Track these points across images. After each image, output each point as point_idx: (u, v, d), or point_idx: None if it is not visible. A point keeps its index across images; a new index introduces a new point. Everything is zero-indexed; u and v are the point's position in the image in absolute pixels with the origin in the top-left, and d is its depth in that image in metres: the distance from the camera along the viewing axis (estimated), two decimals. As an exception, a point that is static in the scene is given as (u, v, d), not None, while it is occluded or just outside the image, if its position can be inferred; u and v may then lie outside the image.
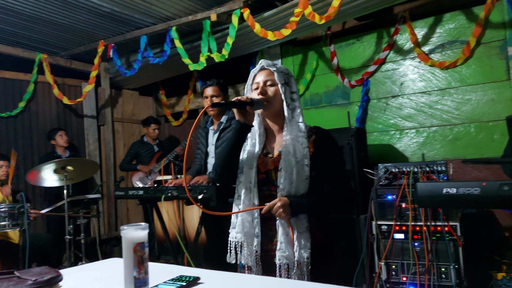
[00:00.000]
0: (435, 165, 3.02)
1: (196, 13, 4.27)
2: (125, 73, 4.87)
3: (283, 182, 1.62)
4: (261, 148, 1.77)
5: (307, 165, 1.63)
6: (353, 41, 4.45)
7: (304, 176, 1.63)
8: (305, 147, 1.65)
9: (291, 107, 1.70)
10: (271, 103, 1.71)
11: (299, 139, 1.66)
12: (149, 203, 3.13)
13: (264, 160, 1.74)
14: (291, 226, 1.61)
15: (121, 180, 4.57)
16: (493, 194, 1.87)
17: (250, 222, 1.69)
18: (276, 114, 1.75)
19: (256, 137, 1.78)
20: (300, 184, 1.62)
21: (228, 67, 4.98)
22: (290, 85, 1.74)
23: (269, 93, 1.71)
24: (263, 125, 1.82)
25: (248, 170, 1.71)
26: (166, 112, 6.33)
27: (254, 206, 1.67)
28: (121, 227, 1.10)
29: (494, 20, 3.67)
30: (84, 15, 4.25)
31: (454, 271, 2.74)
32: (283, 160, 1.64)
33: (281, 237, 1.61)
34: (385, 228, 3.06)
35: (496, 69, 3.66)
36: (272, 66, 1.74)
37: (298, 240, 1.60)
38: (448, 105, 3.89)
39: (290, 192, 1.62)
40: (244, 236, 1.68)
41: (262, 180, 1.71)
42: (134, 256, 1.10)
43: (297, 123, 1.70)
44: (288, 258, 1.59)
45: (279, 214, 1.58)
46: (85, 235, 4.23)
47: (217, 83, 3.06)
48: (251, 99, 1.64)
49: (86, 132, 5.64)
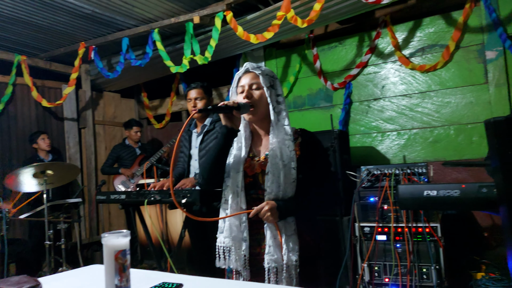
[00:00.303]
0: (416, 167, 3.06)
1: (179, 15, 4.25)
2: (108, 75, 4.81)
3: (270, 186, 1.61)
4: (247, 151, 1.76)
5: (294, 168, 1.63)
6: (336, 44, 4.49)
7: (291, 179, 1.62)
8: (291, 150, 1.65)
9: (276, 110, 1.70)
10: (256, 107, 1.70)
11: (285, 142, 1.65)
12: (131, 207, 3.09)
13: (251, 163, 1.73)
14: (279, 230, 1.61)
15: (103, 184, 4.50)
16: (472, 196, 1.90)
17: (238, 226, 1.67)
18: (262, 118, 1.74)
19: (242, 140, 1.77)
20: (288, 187, 1.62)
21: (211, 70, 4.97)
22: (275, 88, 1.73)
23: (254, 96, 1.70)
24: (249, 128, 1.82)
25: (235, 174, 1.70)
26: (148, 115, 6.27)
27: (241, 210, 1.66)
28: (102, 234, 1.08)
29: (472, 25, 3.75)
30: (64, 16, 4.18)
31: (435, 272, 2.79)
32: (270, 164, 1.63)
33: (270, 240, 1.60)
34: (368, 229, 3.09)
35: (474, 72, 3.74)
36: (257, 69, 1.72)
37: (287, 243, 1.59)
38: (429, 108, 3.96)
39: (278, 196, 1.61)
40: (232, 240, 1.66)
41: (249, 184, 1.71)
42: (116, 264, 1.08)
43: (283, 126, 1.69)
44: (277, 261, 1.58)
45: (266, 218, 1.57)
46: (65, 240, 4.15)
47: (201, 86, 3.04)
48: (237, 103, 1.62)
49: (66, 135, 5.54)
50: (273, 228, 1.61)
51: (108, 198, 2.91)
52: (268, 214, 1.56)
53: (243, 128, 1.78)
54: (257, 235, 1.68)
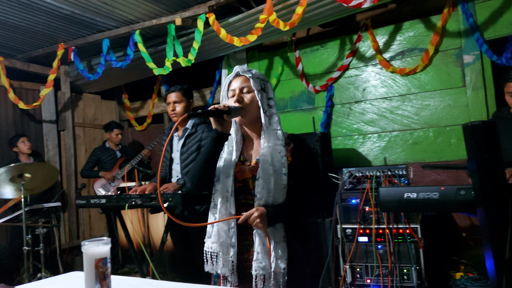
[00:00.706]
0: (396, 169, 3.11)
1: (161, 17, 4.21)
2: (89, 77, 4.74)
3: (260, 191, 1.59)
4: (238, 155, 1.74)
5: (284, 174, 1.61)
6: (318, 47, 4.53)
7: (282, 185, 1.61)
8: (283, 156, 1.63)
9: (268, 113, 1.68)
10: (247, 111, 1.68)
11: (276, 147, 1.64)
12: (112, 212, 3.05)
13: (241, 168, 1.71)
14: (268, 236, 1.58)
15: (82, 188, 4.45)
16: (450, 198, 1.94)
17: (226, 231, 1.64)
18: (253, 121, 1.72)
19: (233, 144, 1.75)
20: (278, 193, 1.60)
21: (193, 72, 4.95)
22: (266, 91, 1.71)
23: (245, 100, 1.68)
24: (240, 132, 1.79)
25: (225, 179, 1.68)
26: (129, 117, 6.20)
27: (230, 215, 1.64)
28: (82, 242, 1.06)
29: (450, 29, 3.83)
30: (42, 17, 4.10)
31: (416, 272, 2.83)
32: (260, 169, 1.60)
33: (258, 247, 1.58)
34: (350, 231, 3.11)
35: (452, 76, 3.82)
36: (247, 72, 1.70)
37: (275, 251, 1.57)
38: (408, 111, 4.02)
39: (268, 202, 1.59)
40: (220, 246, 1.64)
41: (239, 188, 1.68)
42: (96, 272, 1.06)
43: (274, 130, 1.67)
44: (265, 269, 1.56)
45: (256, 224, 1.55)
46: (44, 246, 4.07)
47: (180, 89, 3.01)
48: (228, 107, 1.60)
49: (45, 137, 5.43)
50: (262, 234, 1.59)
51: (88, 203, 2.87)
52: (258, 220, 1.54)
53: (234, 132, 1.76)
54: (246, 241, 1.65)
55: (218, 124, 1.64)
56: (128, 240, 3.05)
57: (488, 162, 1.65)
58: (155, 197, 2.49)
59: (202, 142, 2.88)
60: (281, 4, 3.60)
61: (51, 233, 4.79)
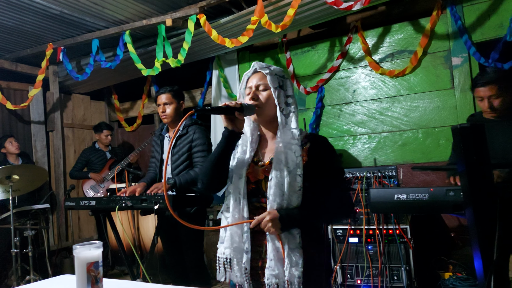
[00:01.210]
0: (386, 170, 3.14)
1: (151, 17, 4.19)
2: (77, 77, 4.70)
3: (273, 193, 1.49)
4: (252, 155, 1.65)
5: (299, 175, 1.50)
6: (308, 48, 4.54)
7: (297, 187, 1.50)
8: (298, 156, 1.52)
9: (285, 112, 1.58)
10: (262, 109, 1.60)
11: (292, 146, 1.53)
12: (102, 213, 3.02)
13: (254, 169, 1.61)
14: (282, 242, 1.47)
15: (72, 189, 4.41)
16: (440, 199, 1.97)
17: (239, 236, 1.55)
18: (269, 120, 1.63)
19: (248, 144, 1.66)
20: (293, 196, 1.50)
21: (184, 72, 4.93)
22: (285, 88, 1.62)
23: (261, 98, 1.60)
24: (257, 131, 1.70)
25: (237, 180, 1.59)
26: (119, 117, 6.15)
27: (243, 219, 1.54)
28: (73, 246, 1.06)
29: (439, 32, 3.87)
30: (31, 16, 4.05)
31: (405, 272, 2.86)
32: (273, 170, 1.51)
33: (271, 253, 1.48)
34: (340, 232, 3.13)
35: (441, 78, 3.87)
36: (265, 68, 1.61)
37: (289, 257, 1.46)
38: (398, 112, 4.05)
39: (282, 205, 1.49)
40: (233, 251, 1.55)
41: (252, 191, 1.59)
42: (88, 276, 1.06)
43: (290, 129, 1.57)
44: (278, 277, 1.46)
45: (268, 229, 1.45)
46: (33, 248, 4.02)
47: (169, 90, 2.97)
48: (240, 104, 1.51)
49: (33, 138, 5.37)
50: (275, 240, 1.48)
51: (77, 204, 2.85)
52: (269, 225, 1.44)
53: (250, 131, 1.68)
54: (260, 247, 1.56)
55: (229, 122, 1.56)
56: (118, 242, 3.03)
57: (476, 163, 1.68)
58: (146, 199, 2.48)
59: (193, 143, 2.87)
60: (272, 5, 3.61)
61: (39, 235, 4.74)
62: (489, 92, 2.51)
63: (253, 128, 1.69)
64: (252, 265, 1.55)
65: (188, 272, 2.87)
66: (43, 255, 4.58)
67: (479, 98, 2.58)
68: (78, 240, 5.45)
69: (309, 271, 1.50)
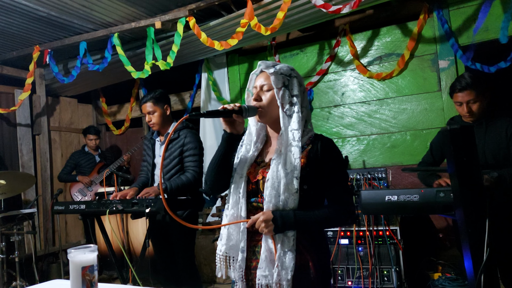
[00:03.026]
0: (375, 172, 3.16)
1: (140, 20, 4.17)
2: (63, 80, 4.64)
3: (268, 195, 1.49)
4: (256, 155, 1.65)
5: (296, 178, 1.48)
6: (297, 51, 4.57)
7: (294, 190, 1.48)
8: (296, 158, 1.49)
9: (288, 112, 1.55)
10: (265, 110, 1.58)
11: (291, 148, 1.50)
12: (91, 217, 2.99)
13: (255, 169, 1.61)
14: (275, 243, 1.47)
15: (59, 193, 4.34)
16: (430, 200, 2.00)
17: (236, 234, 1.57)
18: (274, 121, 1.61)
19: (252, 144, 1.65)
20: (289, 198, 1.48)
21: (173, 75, 4.91)
22: (290, 87, 1.58)
23: (264, 99, 1.59)
24: (264, 131, 1.69)
25: (238, 179, 1.60)
26: (107, 120, 6.09)
27: (241, 218, 1.56)
28: (68, 250, 1.04)
29: (426, 35, 3.93)
30: (17, 18, 3.99)
31: (395, 274, 2.88)
32: (271, 170, 1.50)
33: (263, 254, 1.47)
34: (331, 234, 3.15)
35: (428, 80, 3.92)
36: (270, 67, 1.58)
37: (280, 260, 1.44)
38: (386, 114, 4.10)
39: (278, 206, 1.48)
40: (230, 249, 1.58)
41: (252, 190, 1.59)
42: (83, 280, 1.04)
43: (292, 130, 1.53)
44: (268, 278, 1.45)
45: (261, 229, 1.46)
46: (19, 253, 3.95)
47: (151, 98, 2.92)
48: (239, 106, 1.51)
49: (19, 142, 5.28)
50: (269, 241, 1.47)
51: (67, 208, 2.81)
52: (263, 225, 1.44)
53: (256, 131, 1.67)
54: (255, 247, 1.56)
55: (228, 125, 1.56)
56: (108, 246, 2.99)
57: (466, 164, 1.70)
58: (137, 202, 2.46)
59: (184, 147, 2.85)
60: (261, 8, 3.62)
61: (26, 240, 4.67)
62: (467, 97, 2.57)
63: (259, 128, 1.68)
64: (247, 264, 1.55)
65: (180, 275, 2.85)
66: (30, 260, 4.50)
67: (458, 103, 2.64)
68: (65, 245, 5.37)
69: (301, 275, 1.47)
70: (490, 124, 2.62)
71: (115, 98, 6.07)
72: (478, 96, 2.56)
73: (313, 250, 1.53)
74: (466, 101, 2.58)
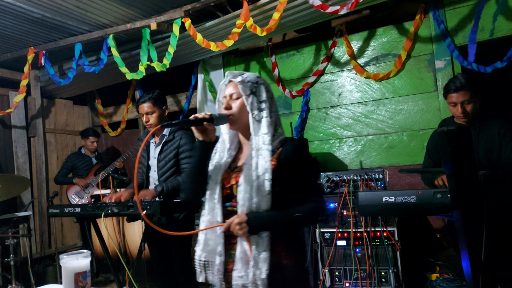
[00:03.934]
0: (373, 173, 3.16)
1: (135, 21, 4.15)
2: (59, 82, 4.61)
3: (242, 198, 1.54)
4: (229, 162, 1.71)
5: (268, 180, 1.54)
6: (294, 52, 4.56)
7: (266, 192, 1.54)
8: (267, 161, 1.56)
9: (257, 118, 1.63)
10: (236, 117, 1.65)
11: (262, 152, 1.57)
12: (87, 220, 2.97)
13: (229, 174, 1.67)
14: (250, 245, 1.52)
15: (55, 196, 4.31)
16: (427, 201, 1.98)
17: (213, 239, 1.62)
18: (245, 127, 1.67)
19: (225, 150, 1.72)
20: (262, 200, 1.54)
21: (168, 76, 4.89)
22: (258, 94, 1.66)
23: (234, 107, 1.65)
24: (237, 138, 1.76)
25: (213, 185, 1.65)
26: (103, 122, 6.06)
27: (217, 223, 1.60)
28: (60, 256, 1.02)
29: (422, 35, 3.93)
30: (11, 20, 3.97)
31: (393, 275, 2.87)
32: (243, 174, 1.57)
33: (239, 256, 1.54)
34: (328, 235, 3.14)
35: (425, 81, 3.92)
36: (237, 76, 1.66)
37: (255, 260, 1.51)
38: (383, 115, 4.09)
39: (251, 209, 1.54)
40: (208, 254, 1.62)
41: (227, 196, 1.64)
42: (76, 287, 1.02)
43: (262, 134, 1.61)
44: (244, 279, 1.51)
45: (236, 232, 1.50)
46: (14, 256, 3.92)
47: (150, 98, 2.90)
48: (210, 115, 1.56)
49: (14, 144, 5.25)
50: (244, 242, 1.53)
51: (62, 212, 2.79)
52: (237, 227, 1.49)
53: (228, 138, 1.73)
54: (232, 250, 1.61)
55: (200, 133, 1.62)
56: (104, 248, 2.97)
57: (463, 166, 1.69)
58: (132, 205, 2.44)
59: (180, 149, 2.83)
60: (257, 9, 3.61)
61: (21, 243, 4.63)
62: (462, 97, 2.57)
63: (232, 135, 1.75)
64: (226, 267, 1.60)
65: (177, 277, 2.83)
66: (25, 263, 4.47)
67: (452, 103, 2.64)
68: (61, 248, 5.34)
69: (276, 274, 1.53)
70: (483, 125, 2.63)
71: (111, 99, 6.04)
72: (473, 97, 2.57)
73: (287, 250, 1.59)
74: (460, 102, 2.58)
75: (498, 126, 2.57)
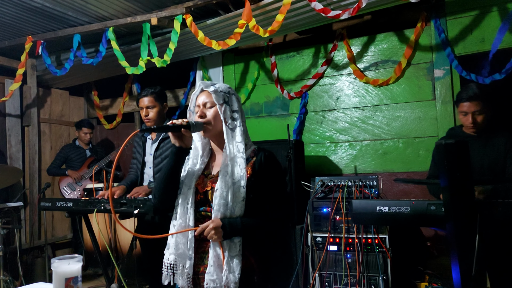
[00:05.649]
0: (367, 180, 3.16)
1: (136, 15, 4.11)
2: (55, 72, 4.57)
3: (217, 203, 1.60)
4: (202, 168, 1.77)
5: (243, 187, 1.62)
6: (294, 53, 4.55)
7: (240, 198, 1.62)
8: (242, 168, 1.64)
9: (231, 126, 1.69)
10: (210, 125, 1.70)
11: (237, 159, 1.65)
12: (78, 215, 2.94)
13: (204, 180, 1.73)
14: (223, 249, 1.59)
15: (47, 187, 4.28)
16: (421, 213, 1.99)
17: (184, 243, 1.67)
18: (218, 135, 1.74)
19: (198, 157, 1.77)
20: (236, 206, 1.61)
21: (167, 71, 4.85)
22: (230, 103, 1.72)
23: (208, 115, 1.70)
24: (209, 145, 1.82)
25: (187, 191, 1.70)
26: (98, 114, 6.02)
27: (189, 227, 1.65)
28: (52, 259, 1.01)
29: (423, 43, 3.93)
30: (10, 8, 3.92)
31: (383, 282, 2.88)
32: (219, 181, 1.62)
33: (211, 260, 1.59)
34: (320, 240, 3.14)
35: (423, 89, 3.92)
36: (210, 86, 1.72)
37: (228, 264, 1.57)
38: (380, 121, 4.09)
39: (225, 214, 1.60)
40: (178, 257, 1.66)
41: (200, 200, 1.70)
42: (66, 291, 1.01)
43: (236, 143, 1.68)
44: (216, 282, 1.56)
45: (210, 237, 1.57)
46: (4, 247, 3.89)
47: (152, 93, 2.91)
48: (187, 122, 1.61)
49: (8, 133, 5.20)
50: (217, 247, 1.59)
51: (53, 205, 2.76)
52: (212, 232, 1.55)
53: (201, 145, 1.79)
54: (203, 254, 1.67)
55: (177, 139, 1.66)
56: (94, 243, 2.95)
57: (459, 179, 1.70)
58: (126, 203, 2.42)
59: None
60: (259, 9, 3.59)
61: (11, 233, 4.60)
62: (474, 107, 2.56)
63: (204, 143, 1.81)
64: (195, 270, 1.66)
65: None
66: (14, 254, 4.44)
67: (463, 113, 2.62)
68: (51, 239, 5.30)
69: (246, 278, 1.61)
70: (490, 137, 2.62)
71: (107, 92, 5.99)
72: (484, 108, 2.55)
73: (257, 255, 1.68)
74: (472, 112, 2.57)
75: (505, 139, 2.57)
